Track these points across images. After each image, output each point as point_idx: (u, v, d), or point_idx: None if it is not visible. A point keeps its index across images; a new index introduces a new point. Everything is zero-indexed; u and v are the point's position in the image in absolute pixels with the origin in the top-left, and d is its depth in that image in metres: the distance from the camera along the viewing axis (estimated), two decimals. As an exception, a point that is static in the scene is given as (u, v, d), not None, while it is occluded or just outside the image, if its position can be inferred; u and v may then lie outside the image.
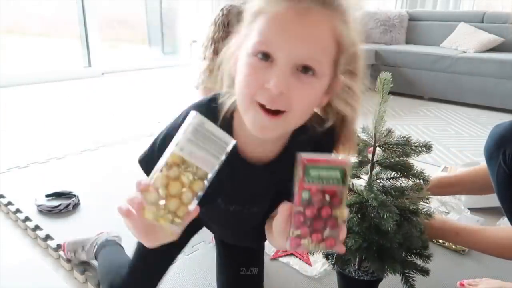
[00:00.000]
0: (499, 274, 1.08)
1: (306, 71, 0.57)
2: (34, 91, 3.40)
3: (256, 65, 0.58)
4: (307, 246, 0.54)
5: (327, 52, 0.59)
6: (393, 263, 0.80)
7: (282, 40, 0.56)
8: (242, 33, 0.63)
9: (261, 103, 0.58)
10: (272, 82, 0.56)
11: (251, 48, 0.58)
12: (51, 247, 1.22)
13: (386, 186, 0.81)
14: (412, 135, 2.47)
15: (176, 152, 0.51)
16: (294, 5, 0.56)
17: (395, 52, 3.61)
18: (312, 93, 0.60)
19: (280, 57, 0.56)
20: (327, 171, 0.52)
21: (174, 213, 0.51)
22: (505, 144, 0.87)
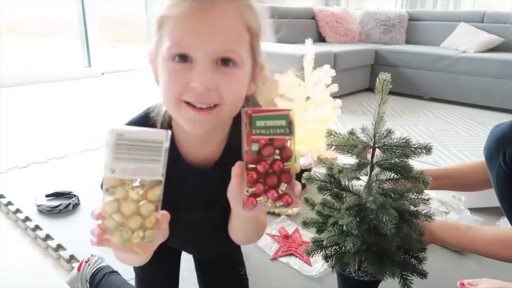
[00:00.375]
0: (499, 274, 1.08)
1: (227, 63, 0.59)
2: (34, 91, 3.40)
3: (175, 68, 0.59)
4: (264, 204, 0.54)
5: (241, 40, 0.60)
6: (392, 266, 0.80)
7: (194, 39, 0.57)
8: (153, 41, 0.63)
9: (190, 102, 0.59)
10: (196, 80, 0.57)
11: (166, 53, 0.59)
12: (51, 247, 1.22)
13: (386, 189, 0.81)
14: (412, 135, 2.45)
15: (109, 176, 0.49)
16: (197, 3, 0.57)
17: (395, 52, 3.61)
18: (239, 83, 0.62)
19: (197, 55, 0.57)
20: (272, 120, 0.52)
21: (141, 228, 0.51)
22: (505, 144, 0.87)
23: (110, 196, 0.50)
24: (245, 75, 0.62)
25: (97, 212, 0.51)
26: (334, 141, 0.81)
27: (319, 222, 0.88)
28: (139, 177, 0.50)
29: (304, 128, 1.61)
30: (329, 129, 0.85)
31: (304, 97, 1.60)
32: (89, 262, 1.07)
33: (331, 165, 0.84)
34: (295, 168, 0.53)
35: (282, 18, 3.78)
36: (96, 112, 2.79)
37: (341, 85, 1.67)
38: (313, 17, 4.05)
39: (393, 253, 0.81)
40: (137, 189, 0.50)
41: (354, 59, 3.45)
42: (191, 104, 0.59)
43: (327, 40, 3.97)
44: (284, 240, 1.27)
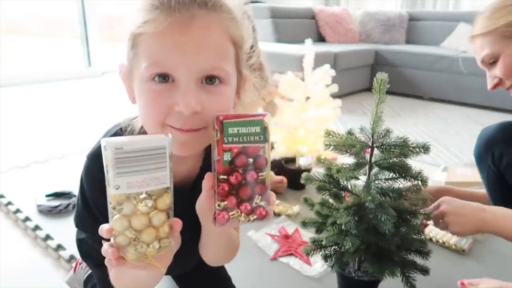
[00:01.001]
0: (499, 274, 1.08)
1: (212, 81, 0.54)
2: (34, 91, 3.40)
3: (156, 89, 0.53)
4: (236, 218, 0.50)
5: (227, 55, 0.55)
6: (391, 266, 0.80)
7: (175, 57, 0.51)
8: (126, 57, 0.57)
9: (175, 127, 0.54)
10: (181, 103, 0.51)
11: (144, 73, 0.53)
12: (51, 247, 1.22)
13: (384, 188, 0.81)
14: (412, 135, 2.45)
15: (114, 193, 0.46)
16: (175, 17, 0.51)
17: (395, 52, 3.61)
18: (226, 101, 0.56)
19: (179, 75, 0.51)
20: (246, 127, 0.48)
21: (156, 240, 0.48)
22: (493, 146, 0.88)
23: (118, 213, 0.47)
24: (231, 91, 0.58)
25: (107, 227, 0.47)
26: (332, 141, 0.81)
27: (318, 222, 0.88)
28: (146, 188, 0.47)
29: (304, 128, 1.61)
30: (328, 129, 0.84)
31: (304, 97, 1.60)
32: (82, 265, 1.04)
33: (329, 165, 0.84)
34: (270, 178, 0.50)
35: (282, 18, 3.78)
36: (96, 112, 2.79)
37: (341, 85, 1.67)
38: (313, 17, 4.04)
39: (393, 253, 0.81)
40: (145, 200, 0.47)
41: (354, 59, 3.45)
42: (176, 129, 0.54)
43: (327, 40, 3.97)
44: (284, 240, 1.27)
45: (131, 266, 0.48)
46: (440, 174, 1.72)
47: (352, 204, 0.80)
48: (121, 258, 0.48)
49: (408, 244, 0.83)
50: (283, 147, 1.64)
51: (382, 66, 3.65)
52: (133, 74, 0.56)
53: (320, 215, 0.88)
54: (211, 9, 0.53)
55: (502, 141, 0.92)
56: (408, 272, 0.82)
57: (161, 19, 0.51)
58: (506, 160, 0.91)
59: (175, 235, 0.51)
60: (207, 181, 0.51)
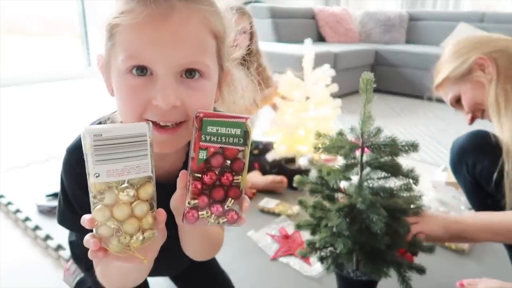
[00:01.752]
0: (499, 274, 1.08)
1: (192, 74, 0.52)
2: (34, 91, 3.40)
3: (133, 83, 0.51)
4: (206, 219, 0.48)
5: (207, 48, 0.54)
6: (384, 265, 0.80)
7: (153, 49, 0.49)
8: (104, 48, 0.56)
9: (153, 121, 0.52)
10: (159, 98, 0.49)
11: (121, 66, 0.51)
12: (51, 247, 1.22)
13: (375, 188, 0.81)
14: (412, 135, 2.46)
15: (93, 181, 0.44)
16: (153, 9, 0.49)
17: (395, 52, 3.61)
18: (206, 96, 0.55)
19: (158, 69, 0.50)
20: (226, 127, 0.47)
21: (139, 231, 0.47)
22: (466, 155, 0.90)
23: (99, 203, 0.45)
24: (212, 85, 0.56)
25: (89, 217, 0.46)
26: (322, 144, 0.81)
27: (313, 224, 0.88)
28: (127, 177, 0.46)
29: (304, 128, 1.61)
30: (318, 131, 0.84)
31: (304, 96, 1.60)
32: (70, 271, 1.02)
33: (320, 167, 0.84)
34: (245, 183, 0.49)
35: (282, 18, 3.78)
36: (96, 112, 2.78)
37: (341, 85, 1.68)
38: (313, 17, 4.05)
39: (384, 252, 0.81)
40: (127, 190, 0.46)
41: (354, 59, 3.45)
42: (155, 123, 0.52)
43: (327, 40, 3.97)
44: (284, 240, 1.27)
45: (114, 258, 0.47)
46: (440, 174, 1.72)
47: (344, 205, 0.80)
48: (104, 249, 0.46)
49: (400, 243, 0.83)
50: (283, 146, 1.64)
51: (382, 66, 3.65)
52: (111, 65, 0.55)
53: (314, 217, 0.88)
54: (191, 1, 0.51)
55: (473, 149, 0.95)
56: (404, 272, 0.83)
57: (138, 10, 0.49)
58: (479, 168, 0.93)
59: (160, 227, 0.50)
60: (181, 178, 0.49)
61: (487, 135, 0.93)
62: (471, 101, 0.99)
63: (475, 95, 0.97)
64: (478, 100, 0.96)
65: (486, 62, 0.93)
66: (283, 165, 1.69)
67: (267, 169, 1.73)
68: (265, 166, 1.73)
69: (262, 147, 1.82)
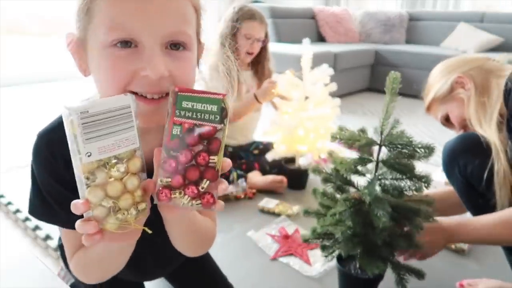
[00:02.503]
0: (499, 274, 1.08)
1: (177, 46, 0.52)
2: (34, 91, 3.40)
3: (118, 55, 0.50)
4: (179, 200, 0.46)
5: (190, 20, 0.54)
6: (378, 261, 0.81)
7: (140, 21, 0.48)
8: (78, 27, 0.55)
9: (138, 93, 0.51)
10: (149, 68, 0.49)
11: (104, 39, 0.50)
12: (51, 247, 1.22)
13: (386, 185, 0.82)
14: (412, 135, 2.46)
15: (86, 161, 0.43)
16: None
17: (395, 52, 3.61)
18: (191, 67, 0.55)
19: (144, 40, 0.49)
20: (202, 104, 0.45)
21: (133, 204, 0.47)
22: (457, 157, 0.94)
23: (92, 183, 0.44)
24: (194, 58, 0.56)
25: (82, 201, 0.44)
26: (340, 135, 0.83)
27: (320, 212, 0.90)
28: (118, 151, 0.44)
29: (304, 128, 1.61)
30: (340, 126, 0.87)
31: (303, 96, 1.60)
32: (61, 276, 1.00)
33: (335, 158, 0.85)
34: (221, 165, 0.46)
35: (282, 18, 3.78)
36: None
37: (341, 85, 1.68)
38: (313, 17, 4.05)
39: (380, 248, 0.82)
40: (117, 166, 0.45)
41: (354, 59, 3.45)
42: (140, 95, 0.51)
43: (327, 40, 3.97)
44: (284, 240, 1.27)
45: (110, 238, 0.46)
46: (440, 174, 1.72)
47: (353, 197, 0.81)
48: (100, 231, 0.45)
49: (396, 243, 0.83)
50: (283, 146, 1.64)
51: (382, 66, 3.65)
52: (88, 42, 0.53)
53: (323, 206, 0.89)
54: None
55: (464, 151, 0.98)
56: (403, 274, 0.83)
57: None
58: (470, 169, 0.96)
59: (147, 199, 0.48)
60: (155, 156, 0.47)
61: (476, 136, 0.96)
62: (459, 117, 1.07)
63: (461, 111, 1.06)
64: (465, 116, 1.04)
65: (465, 79, 1.03)
66: (283, 165, 1.69)
67: (267, 169, 1.73)
68: (265, 166, 1.73)
69: (262, 147, 1.82)
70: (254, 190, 1.61)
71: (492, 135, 0.91)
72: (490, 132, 0.92)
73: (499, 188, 0.88)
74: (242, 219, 1.42)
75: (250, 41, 1.68)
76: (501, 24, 3.54)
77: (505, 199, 0.88)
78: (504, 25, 3.53)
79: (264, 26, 1.72)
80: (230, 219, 1.40)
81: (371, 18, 4.09)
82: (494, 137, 0.90)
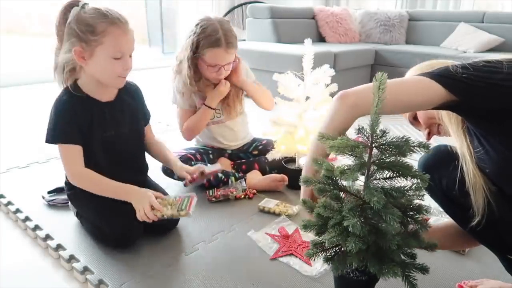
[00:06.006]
0: (499, 274, 1.08)
1: (131, 56, 1.22)
2: (34, 91, 3.40)
3: (116, 61, 1.17)
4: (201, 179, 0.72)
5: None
6: (393, 266, 0.80)
7: (126, 47, 1.18)
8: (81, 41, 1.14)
9: (121, 76, 1.21)
10: (128, 65, 1.20)
11: (111, 54, 1.15)
12: (51, 247, 1.22)
13: (386, 188, 0.80)
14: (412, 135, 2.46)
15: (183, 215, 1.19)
16: (123, 27, 1.17)
17: (395, 52, 3.61)
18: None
19: (125, 54, 1.18)
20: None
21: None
22: (432, 172, 0.92)
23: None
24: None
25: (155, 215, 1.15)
26: (337, 144, 0.80)
27: (319, 224, 0.88)
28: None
29: (304, 128, 1.61)
30: (320, 132, 0.84)
31: (303, 97, 1.60)
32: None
33: (328, 167, 0.83)
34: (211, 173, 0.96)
35: (282, 18, 3.78)
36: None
37: (341, 85, 1.67)
38: (313, 17, 4.05)
39: (393, 252, 0.81)
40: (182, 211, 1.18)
41: (354, 59, 3.45)
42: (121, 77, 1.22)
43: (327, 40, 3.97)
44: (284, 240, 1.27)
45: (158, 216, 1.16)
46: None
47: (355, 205, 0.79)
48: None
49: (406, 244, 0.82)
50: (283, 146, 1.64)
51: (382, 66, 3.65)
52: (95, 49, 1.14)
53: (321, 218, 0.87)
54: (127, 24, 1.19)
55: (437, 165, 0.97)
56: (408, 271, 0.82)
57: (120, 27, 1.16)
58: (445, 182, 0.96)
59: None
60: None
61: (445, 148, 0.97)
62: (425, 116, 1.06)
63: (428, 111, 1.02)
64: (430, 115, 1.04)
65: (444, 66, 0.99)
66: (283, 165, 1.69)
67: (267, 169, 1.73)
68: (265, 166, 1.73)
69: (261, 147, 1.82)
70: (254, 190, 1.61)
71: (459, 136, 0.90)
72: (459, 133, 0.91)
73: (473, 191, 0.87)
74: (242, 219, 1.42)
75: (215, 68, 1.56)
76: (501, 24, 3.54)
77: (480, 200, 0.87)
78: (504, 25, 3.52)
79: (233, 51, 1.56)
80: (230, 219, 1.40)
81: (371, 18, 4.09)
82: (460, 139, 0.90)
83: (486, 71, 0.80)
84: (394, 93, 0.78)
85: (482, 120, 0.84)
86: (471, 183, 0.88)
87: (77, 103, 1.20)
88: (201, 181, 1.51)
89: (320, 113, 1.59)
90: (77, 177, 1.22)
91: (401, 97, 0.81)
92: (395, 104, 0.81)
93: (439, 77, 0.80)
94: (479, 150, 0.87)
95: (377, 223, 0.78)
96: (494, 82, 0.78)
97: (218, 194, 1.55)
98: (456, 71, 0.80)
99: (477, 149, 0.88)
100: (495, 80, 0.78)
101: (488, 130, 0.85)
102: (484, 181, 0.87)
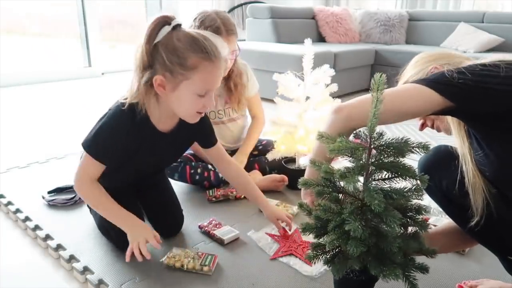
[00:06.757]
0: (499, 274, 1.08)
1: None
2: (34, 91, 3.40)
3: (200, 98, 1.04)
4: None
5: None
6: (394, 268, 0.79)
7: (213, 85, 1.05)
8: (167, 70, 1.00)
9: (200, 112, 1.09)
10: (209, 104, 1.08)
11: (198, 90, 1.02)
12: (51, 247, 1.22)
13: (385, 190, 0.80)
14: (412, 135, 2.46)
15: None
16: (216, 62, 1.02)
17: (395, 52, 3.61)
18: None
19: (210, 92, 1.06)
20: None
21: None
22: (431, 173, 0.92)
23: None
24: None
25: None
26: (337, 146, 0.80)
27: (318, 227, 0.87)
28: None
29: (304, 128, 1.61)
30: (320, 131, 0.84)
31: (303, 97, 1.60)
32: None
33: (327, 169, 0.83)
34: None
35: (282, 18, 3.78)
36: (96, 112, 2.78)
37: (341, 85, 1.67)
38: (313, 17, 4.05)
39: (394, 254, 0.80)
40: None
41: (354, 59, 3.46)
42: (199, 113, 1.09)
43: (327, 40, 3.97)
44: (284, 240, 1.27)
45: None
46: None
47: (355, 208, 0.79)
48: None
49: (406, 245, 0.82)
50: (283, 146, 1.64)
51: (382, 66, 3.65)
52: (180, 82, 1.01)
53: (320, 220, 0.87)
54: (221, 58, 1.04)
55: (437, 165, 0.97)
56: (409, 271, 0.82)
57: (212, 63, 1.01)
58: (445, 183, 0.95)
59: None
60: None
61: (445, 148, 0.96)
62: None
63: None
64: None
65: (440, 71, 0.98)
66: (283, 165, 1.69)
67: (267, 170, 1.73)
68: (265, 166, 1.73)
69: (262, 147, 1.82)
70: (254, 190, 1.61)
71: (461, 135, 0.90)
72: (460, 132, 0.90)
73: (472, 191, 0.87)
74: (242, 219, 1.42)
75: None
76: (501, 24, 3.54)
77: (479, 201, 0.86)
78: (504, 25, 3.53)
79: (233, 38, 1.54)
80: (230, 219, 1.40)
81: (371, 18, 4.09)
82: (461, 139, 0.89)
83: (483, 75, 0.79)
84: (390, 103, 0.77)
85: (480, 124, 0.84)
86: (471, 183, 0.87)
87: (134, 128, 1.08)
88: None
89: (320, 113, 1.59)
90: (81, 186, 1.12)
91: (397, 106, 0.81)
92: (391, 113, 0.80)
93: (434, 84, 0.79)
94: (479, 153, 0.87)
95: (377, 225, 0.78)
96: (490, 87, 0.77)
97: (218, 194, 1.55)
98: (452, 76, 0.79)
99: (477, 152, 0.88)
100: (491, 85, 0.77)
101: (487, 134, 0.85)
102: (484, 183, 0.87)
